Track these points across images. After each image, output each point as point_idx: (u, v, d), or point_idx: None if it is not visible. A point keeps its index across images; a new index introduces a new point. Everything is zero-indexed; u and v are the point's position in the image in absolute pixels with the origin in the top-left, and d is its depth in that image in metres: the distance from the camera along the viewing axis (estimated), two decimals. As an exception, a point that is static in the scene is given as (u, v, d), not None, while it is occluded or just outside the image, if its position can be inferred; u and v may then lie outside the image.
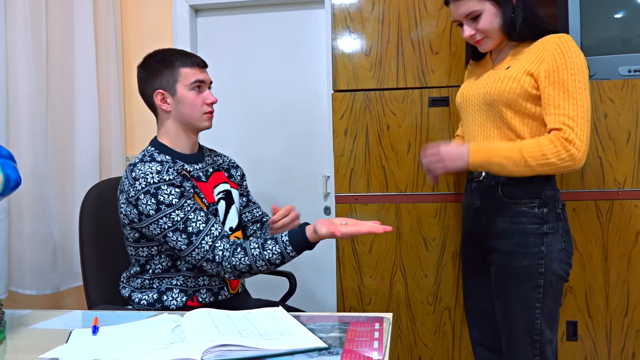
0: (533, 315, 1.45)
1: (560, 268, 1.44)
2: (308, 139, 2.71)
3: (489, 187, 1.51)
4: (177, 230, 1.37)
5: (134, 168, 1.43)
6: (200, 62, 1.54)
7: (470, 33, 1.49)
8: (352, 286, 1.93)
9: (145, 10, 2.74)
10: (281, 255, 1.35)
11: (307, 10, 2.69)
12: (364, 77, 1.90)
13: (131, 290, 1.53)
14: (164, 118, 1.55)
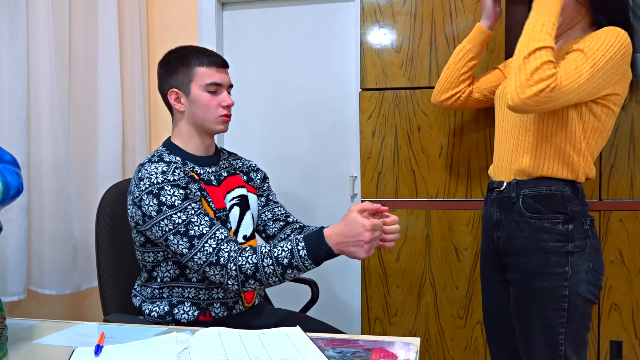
0: (556, 341, 1.31)
1: (587, 290, 1.30)
2: (335, 137, 2.61)
3: (509, 199, 1.38)
4: (178, 234, 1.29)
5: (141, 168, 1.37)
6: (219, 61, 1.46)
7: None
8: (378, 296, 1.83)
9: (171, 4, 2.67)
10: (291, 253, 1.23)
11: (336, 4, 2.58)
12: (394, 74, 1.79)
13: (142, 300, 1.47)
14: (178, 118, 1.49)
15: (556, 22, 1.22)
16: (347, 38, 2.57)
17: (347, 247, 1.21)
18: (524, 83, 1.18)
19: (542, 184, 1.32)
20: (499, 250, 1.42)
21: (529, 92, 1.17)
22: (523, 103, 1.19)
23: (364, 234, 1.18)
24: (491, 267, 1.48)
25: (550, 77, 1.16)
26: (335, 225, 1.24)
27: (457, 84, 1.57)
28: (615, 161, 1.66)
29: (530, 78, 1.17)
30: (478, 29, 1.52)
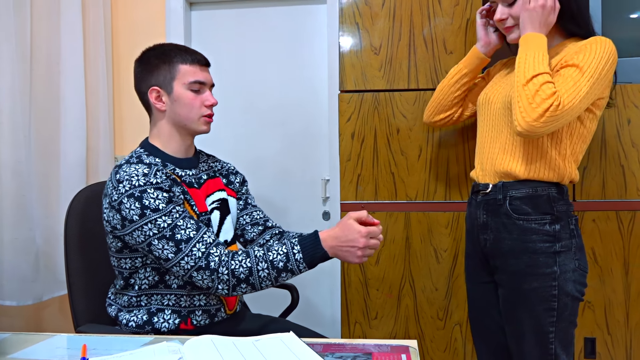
0: (547, 340, 1.34)
1: (574, 289, 1.33)
2: (307, 140, 2.58)
3: (496, 201, 1.39)
4: (164, 238, 1.23)
5: (118, 170, 1.30)
6: (202, 60, 1.41)
7: (501, 16, 1.38)
8: (358, 300, 1.81)
9: (137, 3, 2.59)
10: (286, 256, 1.22)
11: (307, 6, 2.56)
12: (373, 77, 1.78)
13: (118, 309, 1.39)
14: (158, 118, 1.41)
15: (545, 54, 1.26)
16: (318, 40, 2.56)
17: (341, 251, 1.22)
18: (527, 107, 1.21)
19: (528, 185, 1.34)
20: (486, 252, 1.43)
21: (534, 114, 1.20)
22: (531, 126, 1.22)
23: (359, 239, 1.20)
24: (477, 269, 1.49)
25: (551, 96, 1.19)
26: (331, 229, 1.25)
27: (451, 106, 1.60)
28: (588, 163, 1.70)
29: (532, 101, 1.21)
30: (474, 52, 1.54)
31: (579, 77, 1.22)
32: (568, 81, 1.23)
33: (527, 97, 1.22)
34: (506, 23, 1.39)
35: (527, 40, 1.29)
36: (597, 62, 1.23)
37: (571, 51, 1.29)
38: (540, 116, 1.20)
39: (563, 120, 1.23)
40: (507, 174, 1.37)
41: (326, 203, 2.58)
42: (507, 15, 1.38)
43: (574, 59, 1.26)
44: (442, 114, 1.61)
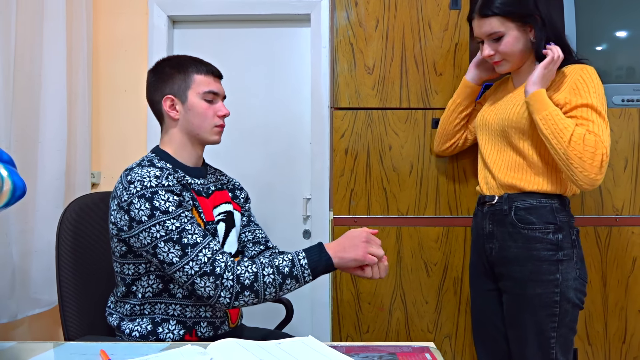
0: (548, 345, 1.41)
1: (575, 296, 1.41)
2: (289, 159, 2.61)
3: (502, 212, 1.48)
4: (170, 241, 1.22)
5: (129, 172, 1.31)
6: (216, 71, 1.46)
7: (489, 53, 1.48)
8: (350, 313, 1.83)
9: (119, 19, 2.58)
10: (291, 262, 1.23)
11: (291, 28, 2.62)
12: (367, 95, 1.84)
13: (120, 318, 1.36)
14: (170, 126, 1.43)
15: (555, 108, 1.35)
16: (301, 62, 2.61)
17: (345, 252, 1.24)
18: (584, 165, 1.31)
19: (533, 197, 1.43)
20: (492, 261, 1.50)
21: (595, 170, 1.31)
22: (595, 181, 1.33)
23: (361, 234, 1.26)
24: (482, 277, 1.55)
25: (597, 146, 1.30)
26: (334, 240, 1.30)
27: (454, 134, 1.70)
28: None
29: (586, 158, 1.30)
30: (464, 83, 1.64)
31: (597, 117, 1.34)
32: (594, 126, 1.33)
33: (579, 156, 1.30)
34: (494, 58, 1.49)
35: (535, 100, 1.37)
36: (599, 95, 1.36)
37: (569, 85, 1.39)
38: (600, 168, 1.31)
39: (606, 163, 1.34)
40: (512, 187, 1.45)
41: (307, 222, 2.60)
42: (494, 51, 1.47)
43: (581, 98, 1.36)
44: (448, 142, 1.71)
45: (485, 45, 1.48)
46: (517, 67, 1.50)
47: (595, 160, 1.30)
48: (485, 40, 1.48)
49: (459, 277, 1.82)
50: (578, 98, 1.36)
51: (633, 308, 1.79)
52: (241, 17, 2.60)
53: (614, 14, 1.94)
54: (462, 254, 1.82)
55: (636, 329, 1.78)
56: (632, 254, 1.79)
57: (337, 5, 1.85)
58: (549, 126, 1.33)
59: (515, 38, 1.44)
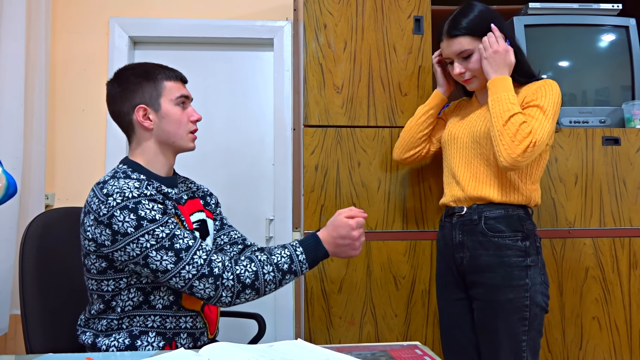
0: (520, 348, 1.46)
1: (542, 300, 1.49)
2: (251, 180, 2.62)
3: (472, 222, 1.54)
4: (162, 248, 1.20)
5: (104, 185, 1.26)
6: (183, 76, 1.44)
7: (460, 71, 1.57)
8: (321, 328, 1.83)
9: (80, 38, 2.55)
10: (290, 258, 1.25)
11: (254, 52, 2.67)
12: (336, 113, 1.90)
13: (94, 334, 1.30)
14: (143, 137, 1.39)
15: (514, 94, 1.45)
16: (264, 85, 2.66)
17: (341, 247, 1.29)
18: (511, 144, 1.39)
19: (500, 207, 1.51)
20: (463, 270, 1.55)
21: (518, 151, 1.38)
22: (516, 161, 1.39)
23: (351, 233, 1.28)
24: (450, 287, 1.60)
25: (529, 135, 1.39)
26: (324, 229, 1.31)
27: (419, 143, 1.75)
28: (524, 196, 1.92)
29: (514, 139, 1.39)
30: (437, 95, 1.72)
31: (543, 117, 1.43)
32: (534, 121, 1.42)
33: (510, 136, 1.40)
34: (464, 76, 1.59)
35: (494, 84, 1.48)
36: (553, 103, 1.45)
37: (529, 91, 1.50)
38: (523, 152, 1.38)
39: (536, 154, 1.42)
40: (480, 198, 1.52)
41: (270, 242, 2.60)
42: (465, 69, 1.57)
43: (534, 100, 1.46)
44: (412, 151, 1.75)
45: (456, 64, 1.57)
46: (483, 85, 1.59)
47: (523, 144, 1.38)
48: (455, 59, 1.57)
49: (426, 290, 1.87)
50: (533, 99, 1.47)
51: (587, 315, 1.89)
52: (204, 40, 2.63)
53: (558, 47, 2.11)
54: (429, 266, 1.88)
55: (591, 335, 1.89)
56: (584, 264, 1.90)
57: (306, 27, 1.91)
58: (497, 106, 1.43)
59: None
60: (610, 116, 2.03)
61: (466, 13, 1.56)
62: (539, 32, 2.07)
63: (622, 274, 1.92)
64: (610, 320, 1.90)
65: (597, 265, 1.91)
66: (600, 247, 1.91)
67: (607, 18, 2.11)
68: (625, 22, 2.09)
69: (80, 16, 2.55)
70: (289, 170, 2.55)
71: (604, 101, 2.10)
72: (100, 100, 2.52)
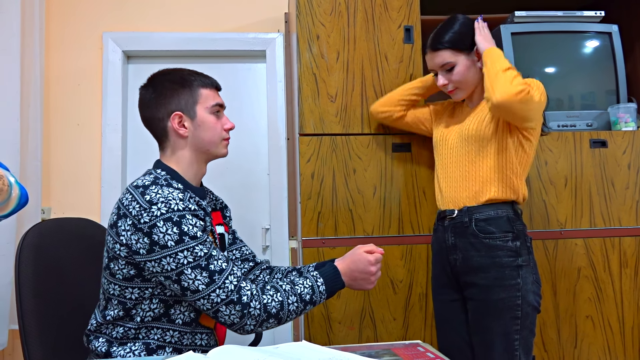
0: (513, 347, 1.50)
1: (534, 299, 1.53)
2: (246, 190, 2.65)
3: (463, 224, 1.58)
4: (199, 267, 1.18)
5: (145, 191, 1.22)
6: (218, 84, 1.43)
7: (443, 82, 1.62)
8: (321, 334, 1.85)
9: (74, 53, 2.57)
10: (312, 289, 1.27)
11: (247, 64, 2.71)
12: (330, 122, 1.94)
13: (108, 341, 1.26)
14: (178, 145, 1.36)
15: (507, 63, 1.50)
16: (257, 96, 2.69)
17: (356, 280, 1.34)
18: (507, 84, 1.41)
19: (490, 209, 1.55)
20: (456, 271, 1.59)
21: (514, 90, 1.40)
22: (509, 97, 1.40)
23: (369, 267, 1.33)
24: (445, 289, 1.64)
25: (525, 84, 1.42)
26: (343, 260, 1.35)
27: (394, 104, 1.82)
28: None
29: (512, 82, 1.42)
30: (430, 78, 1.77)
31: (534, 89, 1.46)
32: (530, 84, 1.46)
33: (507, 79, 1.42)
34: (448, 88, 1.64)
35: (490, 52, 1.53)
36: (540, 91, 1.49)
37: None
38: (518, 93, 1.40)
39: (528, 107, 1.44)
40: (470, 198, 1.56)
41: (266, 251, 2.62)
42: (448, 81, 1.62)
43: None
44: (386, 107, 1.83)
45: (440, 76, 1.63)
46: (470, 93, 1.64)
47: (518, 87, 1.40)
48: (438, 71, 1.62)
49: (423, 293, 1.90)
50: None
51: (581, 314, 1.93)
52: (197, 53, 2.67)
53: (544, 53, 2.18)
54: (425, 270, 1.91)
55: (585, 333, 1.92)
56: (577, 264, 1.94)
57: (299, 38, 1.95)
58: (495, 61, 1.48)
59: (466, 67, 1.60)
60: (596, 119, 2.09)
61: (448, 27, 1.62)
62: (526, 39, 2.12)
63: (613, 273, 1.96)
64: (604, 318, 1.94)
65: (589, 265, 1.95)
66: (592, 247, 1.96)
67: (591, 25, 2.18)
68: (608, 28, 2.16)
69: (74, 31, 2.58)
70: (284, 179, 2.58)
71: (590, 105, 2.16)
72: (95, 114, 2.56)
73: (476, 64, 1.62)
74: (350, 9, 1.99)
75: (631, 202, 1.99)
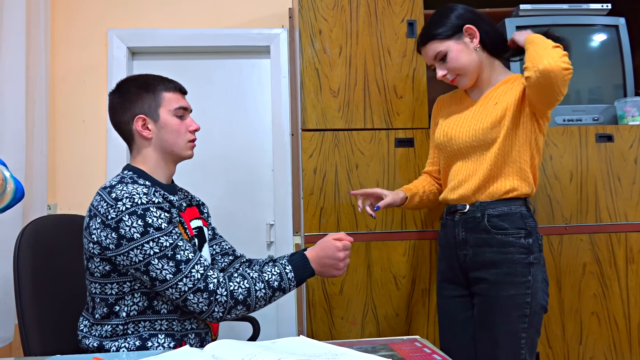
0: (519, 346, 1.48)
1: (543, 298, 1.50)
2: (251, 186, 2.65)
3: (475, 219, 1.56)
4: (165, 257, 1.23)
5: (112, 190, 1.29)
6: (182, 88, 1.49)
7: (442, 73, 1.59)
8: (323, 329, 1.85)
9: (79, 50, 2.58)
10: (280, 276, 1.31)
11: (251, 60, 2.71)
12: (333, 117, 1.93)
13: (99, 339, 1.31)
14: (143, 146, 1.43)
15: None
16: (261, 92, 2.69)
17: (325, 267, 1.37)
18: (557, 57, 1.38)
19: (503, 204, 1.52)
20: (466, 267, 1.57)
21: (563, 65, 1.37)
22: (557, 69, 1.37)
23: (337, 253, 1.36)
24: (452, 284, 1.62)
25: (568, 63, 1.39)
26: (312, 249, 1.38)
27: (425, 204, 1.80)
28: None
29: (562, 57, 1.38)
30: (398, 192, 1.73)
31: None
32: None
33: (557, 53, 1.39)
34: (448, 77, 1.61)
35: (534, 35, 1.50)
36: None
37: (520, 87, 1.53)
38: (566, 68, 1.37)
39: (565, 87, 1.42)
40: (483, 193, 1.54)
41: (271, 247, 2.63)
42: (446, 70, 1.59)
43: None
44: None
45: (437, 68, 1.60)
46: (475, 78, 1.60)
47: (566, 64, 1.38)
48: (435, 64, 1.60)
49: (426, 289, 1.90)
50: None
51: (586, 310, 1.91)
52: (201, 49, 2.67)
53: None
54: (428, 265, 1.90)
55: (590, 330, 1.91)
56: (582, 260, 1.92)
57: (302, 33, 1.95)
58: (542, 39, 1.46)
59: (458, 51, 1.56)
60: (603, 114, 2.06)
61: (430, 20, 1.61)
62: (531, 33, 2.10)
63: (619, 269, 1.94)
64: (609, 315, 1.92)
65: (594, 260, 1.93)
66: (597, 242, 1.94)
67: (597, 18, 2.15)
68: (615, 21, 2.13)
69: (79, 28, 2.59)
70: (288, 175, 2.57)
71: (597, 99, 2.13)
72: (101, 111, 2.57)
73: (469, 46, 1.57)
74: (352, 4, 1.98)
75: (638, 197, 1.96)
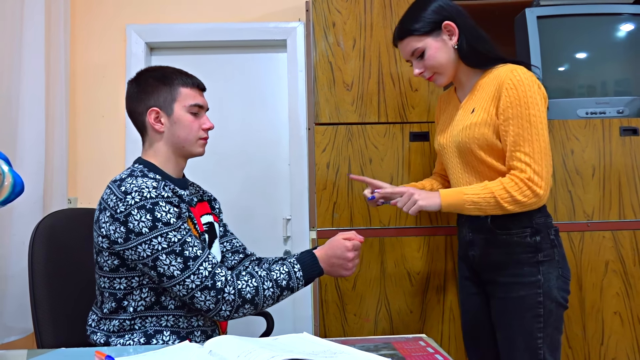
0: (536, 346, 1.43)
1: (559, 295, 1.45)
2: (268, 181, 2.64)
3: (479, 220, 1.51)
4: (173, 253, 1.22)
5: (122, 183, 1.28)
6: (201, 84, 1.47)
7: (418, 71, 1.52)
8: (336, 325, 1.83)
9: (98, 45, 2.61)
10: (288, 275, 1.29)
11: (268, 54, 2.70)
12: (346, 110, 1.90)
13: (106, 335, 1.31)
14: (155, 139, 1.43)
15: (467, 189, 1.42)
16: (278, 86, 2.68)
17: (334, 267, 1.35)
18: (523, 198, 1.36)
19: None
20: (475, 267, 1.54)
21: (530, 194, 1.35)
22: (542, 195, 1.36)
23: (346, 253, 1.34)
24: (469, 282, 1.60)
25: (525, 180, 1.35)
26: (322, 248, 1.37)
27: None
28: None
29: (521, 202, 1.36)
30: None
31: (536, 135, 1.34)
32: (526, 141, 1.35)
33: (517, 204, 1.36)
34: (425, 75, 1.53)
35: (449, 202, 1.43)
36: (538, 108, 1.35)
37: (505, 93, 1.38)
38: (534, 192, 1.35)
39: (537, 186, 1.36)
40: None
41: (287, 242, 2.62)
42: (423, 68, 1.52)
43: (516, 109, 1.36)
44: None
45: (414, 65, 1.53)
46: (452, 75, 1.53)
47: (525, 191, 1.35)
48: (412, 60, 1.54)
49: (441, 286, 1.86)
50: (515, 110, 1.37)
51: (609, 310, 1.85)
52: (218, 44, 2.67)
53: (574, 38, 2.07)
54: (443, 262, 1.86)
55: (612, 330, 1.84)
56: (604, 258, 1.86)
57: (315, 25, 1.92)
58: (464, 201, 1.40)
59: (436, 49, 1.48)
60: (628, 106, 1.98)
61: (407, 13, 1.53)
62: (552, 23, 2.03)
63: (644, 267, 1.87)
64: (633, 315, 1.85)
65: (617, 258, 1.86)
66: (621, 240, 1.87)
67: (623, 6, 2.06)
68: (642, 9, 2.04)
69: (98, 24, 2.61)
70: (305, 169, 2.56)
71: (623, 92, 2.05)
72: (119, 106, 2.59)
73: (448, 44, 1.48)
74: (367, -5, 1.94)
75: (664, 192, 1.88)
